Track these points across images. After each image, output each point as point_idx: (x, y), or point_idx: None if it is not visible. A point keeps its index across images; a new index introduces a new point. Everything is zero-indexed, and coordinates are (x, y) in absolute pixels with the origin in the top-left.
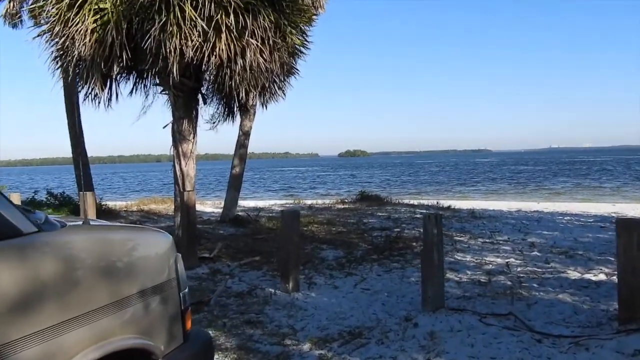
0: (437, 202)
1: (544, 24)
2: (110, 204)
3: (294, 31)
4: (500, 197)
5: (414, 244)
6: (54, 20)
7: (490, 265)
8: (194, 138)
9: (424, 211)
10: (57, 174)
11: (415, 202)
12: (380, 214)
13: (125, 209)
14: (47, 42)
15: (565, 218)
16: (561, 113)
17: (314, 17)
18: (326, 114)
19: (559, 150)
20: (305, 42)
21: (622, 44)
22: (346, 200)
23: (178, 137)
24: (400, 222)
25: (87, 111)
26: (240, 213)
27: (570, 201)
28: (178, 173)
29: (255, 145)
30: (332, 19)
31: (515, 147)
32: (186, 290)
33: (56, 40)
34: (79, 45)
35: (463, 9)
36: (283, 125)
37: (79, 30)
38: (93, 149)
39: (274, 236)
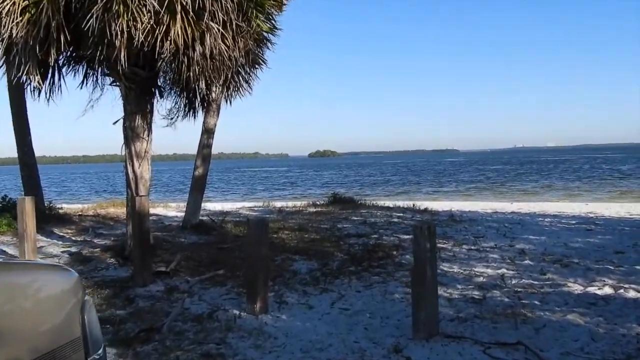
0: (414, 205)
1: (508, 20)
2: (67, 206)
3: (260, 15)
4: (474, 197)
5: (394, 252)
6: None
7: (482, 278)
8: (148, 136)
9: (401, 214)
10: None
11: (390, 204)
12: (355, 218)
13: (80, 213)
14: None
15: (547, 220)
16: (525, 112)
17: (284, 2)
18: (296, 113)
19: (524, 150)
20: (273, 29)
21: (586, 42)
22: (318, 203)
23: (130, 135)
24: (377, 228)
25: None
26: (204, 218)
27: (543, 201)
28: (130, 175)
29: (224, 146)
30: (301, 11)
31: (481, 146)
32: (100, 351)
33: None
34: (8, 27)
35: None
36: (252, 125)
37: (8, 8)
38: (56, 148)
39: (241, 245)
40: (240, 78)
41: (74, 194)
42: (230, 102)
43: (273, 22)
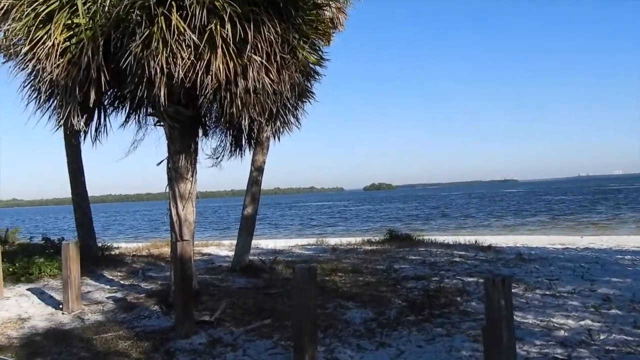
0: (476, 241)
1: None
2: (125, 245)
3: (306, 46)
4: (539, 231)
5: (458, 298)
6: (22, 39)
7: (563, 331)
8: (193, 176)
9: (463, 252)
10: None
11: (450, 240)
12: (413, 257)
13: (134, 253)
14: (16, 66)
15: (627, 257)
16: (589, 139)
17: (331, 33)
18: (350, 146)
19: (588, 178)
20: (321, 60)
21: None
22: (373, 240)
23: (174, 176)
24: (437, 269)
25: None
26: (254, 258)
27: (617, 235)
28: (174, 218)
29: (279, 180)
30: (350, 41)
31: (542, 176)
32: None
33: (26, 63)
34: (49, 69)
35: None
36: (308, 159)
37: (49, 50)
38: (120, 186)
39: (290, 290)
40: (287, 113)
41: (135, 231)
42: (278, 138)
43: (320, 53)
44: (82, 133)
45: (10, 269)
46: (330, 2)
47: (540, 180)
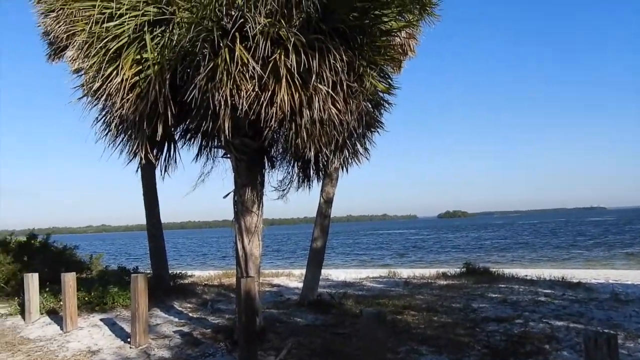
0: (563, 277)
1: None
2: (198, 273)
3: (374, 74)
4: (634, 265)
5: (547, 346)
6: (93, 76)
7: None
8: (259, 209)
9: (548, 290)
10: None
11: (533, 274)
12: (493, 294)
13: (205, 282)
14: (89, 103)
15: None
16: None
17: (401, 59)
18: (424, 172)
19: None
20: (390, 88)
21: None
22: (449, 274)
23: (240, 209)
24: (521, 309)
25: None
26: (323, 291)
27: None
28: (240, 252)
29: (352, 208)
30: (422, 63)
31: (634, 203)
32: None
33: (98, 99)
34: (118, 104)
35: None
36: (380, 186)
37: (118, 85)
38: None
39: (360, 329)
40: (356, 143)
41: (208, 258)
42: (346, 170)
43: (389, 80)
44: (156, 165)
45: (87, 298)
46: (401, 29)
47: (632, 207)
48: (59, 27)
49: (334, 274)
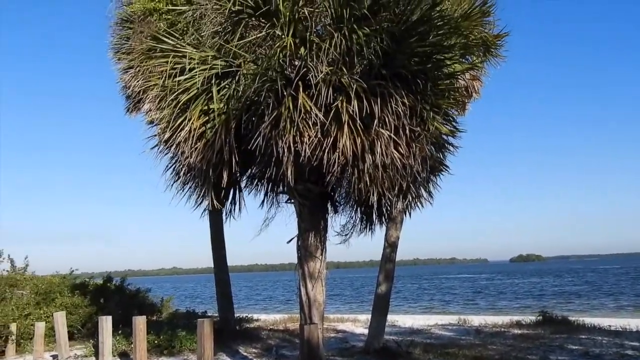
0: None
1: None
2: (265, 317)
3: (438, 117)
4: None
5: None
6: (165, 126)
7: None
8: (322, 254)
9: (636, 343)
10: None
11: (618, 324)
12: (573, 346)
13: (271, 327)
14: (160, 152)
15: None
16: None
17: (465, 101)
18: (495, 214)
19: None
20: (454, 131)
21: None
22: (523, 323)
23: (304, 254)
24: None
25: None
26: (389, 338)
27: None
28: (303, 298)
29: (419, 251)
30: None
31: None
32: None
33: (168, 148)
34: (187, 153)
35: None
36: (449, 229)
37: (186, 134)
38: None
39: None
40: (420, 187)
41: (273, 302)
42: (410, 214)
43: (454, 123)
44: (223, 211)
45: (156, 341)
46: (464, 72)
47: None
48: (137, 82)
49: (401, 319)
